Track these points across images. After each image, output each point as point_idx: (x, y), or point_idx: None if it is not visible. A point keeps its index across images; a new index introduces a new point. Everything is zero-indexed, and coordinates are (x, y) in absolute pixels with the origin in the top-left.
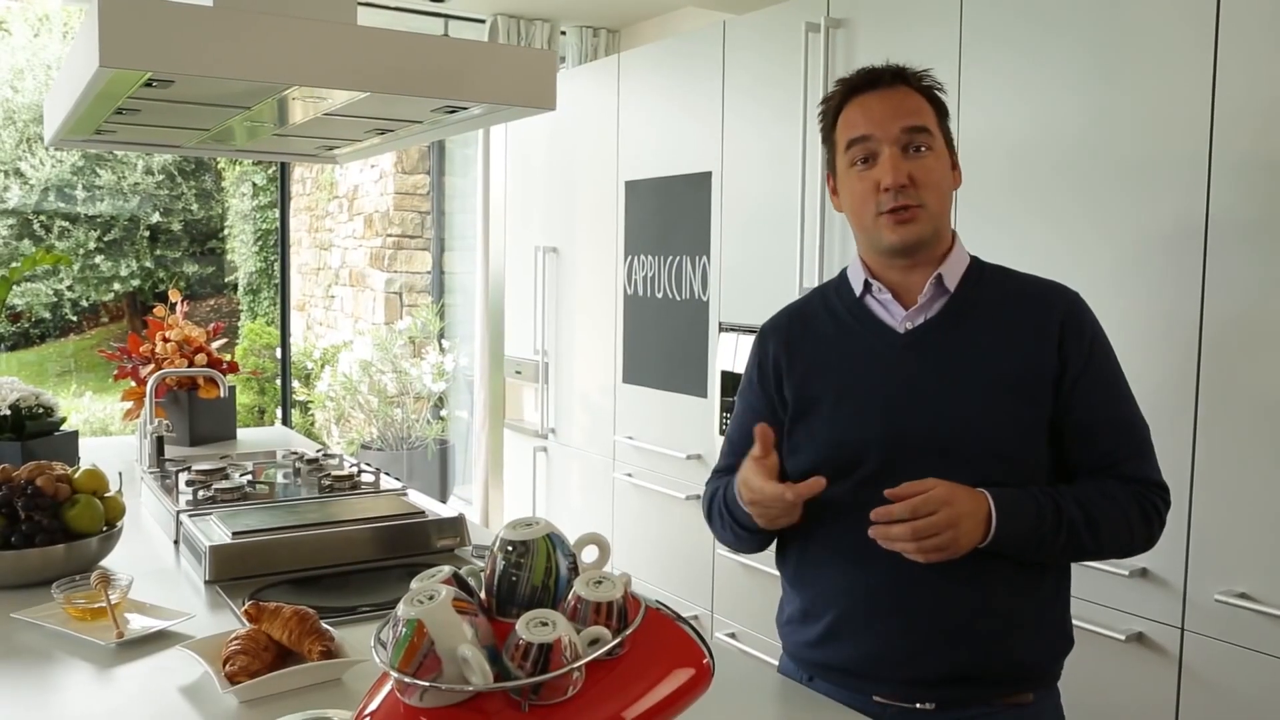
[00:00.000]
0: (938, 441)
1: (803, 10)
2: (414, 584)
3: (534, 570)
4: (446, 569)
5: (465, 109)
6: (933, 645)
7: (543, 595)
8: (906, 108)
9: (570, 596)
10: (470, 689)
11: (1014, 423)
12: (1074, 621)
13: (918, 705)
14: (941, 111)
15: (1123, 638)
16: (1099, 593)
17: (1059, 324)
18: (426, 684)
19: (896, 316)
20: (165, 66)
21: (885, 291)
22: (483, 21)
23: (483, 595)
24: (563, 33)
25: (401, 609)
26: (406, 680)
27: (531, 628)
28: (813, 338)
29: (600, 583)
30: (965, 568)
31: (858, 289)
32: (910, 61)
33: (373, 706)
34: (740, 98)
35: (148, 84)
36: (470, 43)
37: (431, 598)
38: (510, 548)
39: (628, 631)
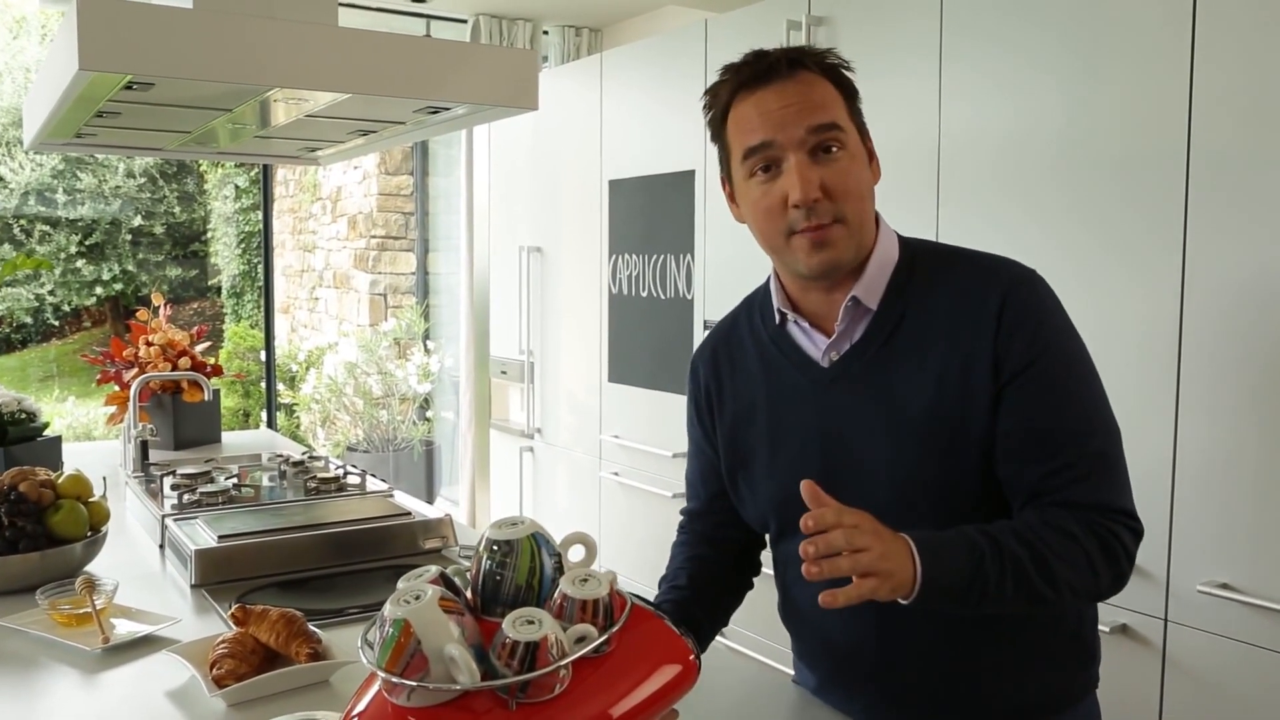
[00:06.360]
0: (876, 490)
1: (784, 8)
2: (400, 584)
3: (518, 569)
4: (433, 569)
5: (447, 109)
6: (919, 709)
7: (527, 594)
8: (811, 102)
9: (556, 594)
10: (457, 688)
11: (957, 457)
12: None
13: None
14: (851, 95)
15: (1107, 629)
16: None
17: (994, 320)
18: (414, 683)
19: (820, 346)
20: (145, 69)
21: (804, 320)
22: (464, 21)
23: (469, 595)
24: (545, 32)
25: (388, 609)
26: (394, 680)
27: (518, 626)
28: (740, 374)
29: (586, 580)
30: (946, 622)
31: (778, 315)
32: (892, 58)
33: (360, 707)
34: None
35: (128, 87)
36: (451, 43)
37: (418, 597)
38: (495, 547)
39: (614, 629)
